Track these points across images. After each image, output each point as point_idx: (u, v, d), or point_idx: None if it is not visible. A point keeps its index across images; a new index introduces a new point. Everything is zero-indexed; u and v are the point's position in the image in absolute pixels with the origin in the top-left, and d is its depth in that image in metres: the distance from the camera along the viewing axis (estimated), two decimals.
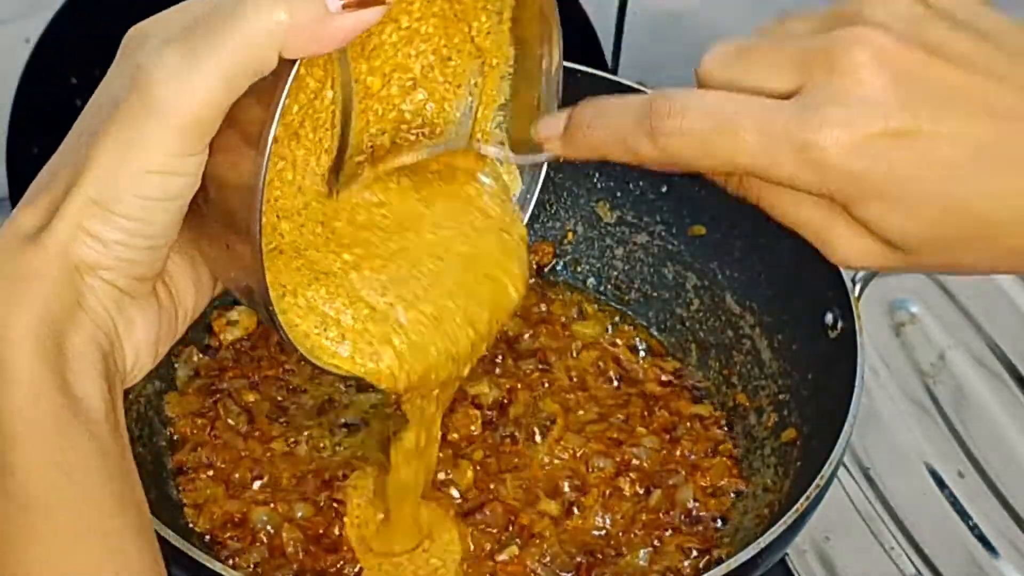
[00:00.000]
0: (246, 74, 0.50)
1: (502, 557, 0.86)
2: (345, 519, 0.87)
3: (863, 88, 0.49)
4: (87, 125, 0.53)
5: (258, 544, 0.85)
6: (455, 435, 0.93)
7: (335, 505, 0.88)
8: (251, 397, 0.94)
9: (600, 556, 0.87)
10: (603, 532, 0.89)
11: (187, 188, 0.51)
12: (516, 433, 0.94)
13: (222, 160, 0.52)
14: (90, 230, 0.51)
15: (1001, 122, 0.49)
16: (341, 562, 0.85)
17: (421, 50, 0.61)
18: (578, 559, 0.86)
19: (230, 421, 0.92)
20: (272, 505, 0.87)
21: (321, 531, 0.86)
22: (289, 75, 0.50)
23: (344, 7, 0.50)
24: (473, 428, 0.94)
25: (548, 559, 0.86)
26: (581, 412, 0.96)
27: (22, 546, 0.50)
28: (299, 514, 0.87)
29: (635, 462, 0.93)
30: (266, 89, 0.50)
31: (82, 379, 0.52)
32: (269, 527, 0.86)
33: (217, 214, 0.53)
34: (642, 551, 0.87)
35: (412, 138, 0.62)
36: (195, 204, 0.53)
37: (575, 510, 0.90)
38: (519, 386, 0.97)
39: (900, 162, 0.49)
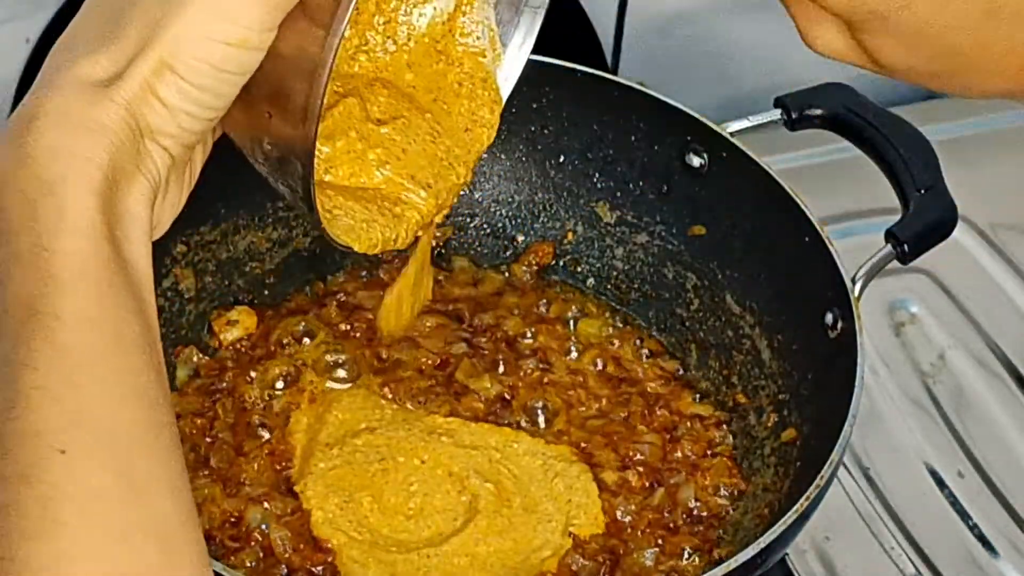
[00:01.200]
0: None
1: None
2: (302, 500, 0.88)
3: None
4: None
5: (252, 544, 0.86)
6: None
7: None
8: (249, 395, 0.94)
9: (620, 552, 0.88)
10: (616, 523, 0.89)
11: (255, 63, 0.52)
12: (521, 422, 0.94)
13: (289, 35, 0.52)
14: (160, 94, 0.51)
15: None
16: (331, 558, 0.85)
17: None
18: (599, 558, 0.87)
19: (229, 420, 0.92)
20: (265, 505, 0.87)
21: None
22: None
23: None
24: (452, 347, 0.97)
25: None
26: (582, 408, 0.96)
27: (59, 393, 0.49)
28: (289, 509, 0.87)
29: (639, 457, 0.93)
30: None
31: (133, 241, 0.52)
32: (263, 526, 0.86)
33: (267, 86, 0.54)
34: (648, 551, 0.87)
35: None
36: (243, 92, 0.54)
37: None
38: (520, 384, 0.97)
39: None
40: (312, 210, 0.58)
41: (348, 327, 0.99)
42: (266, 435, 0.92)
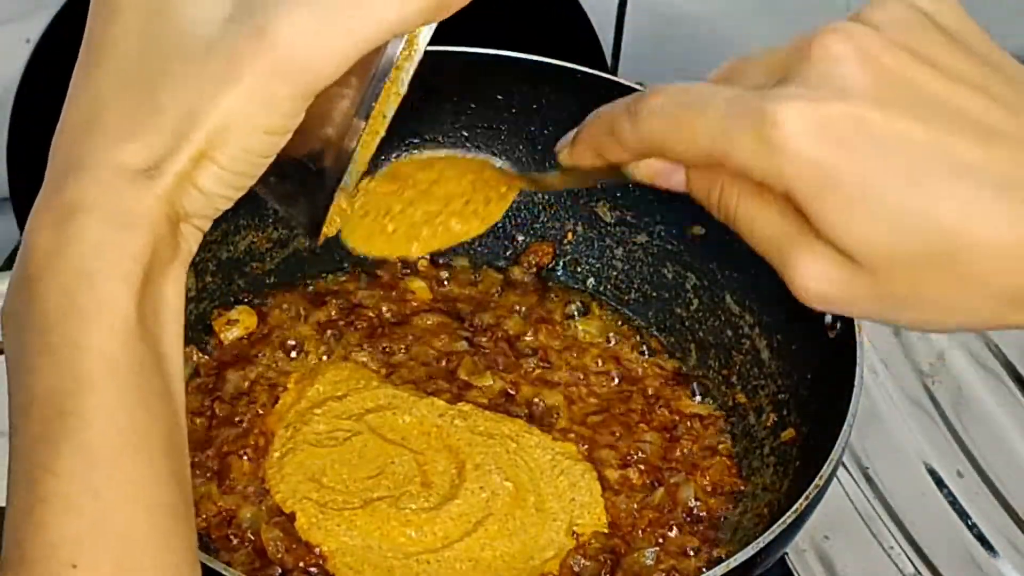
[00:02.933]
0: (380, 39, 0.50)
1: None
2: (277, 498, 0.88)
3: (837, 74, 0.46)
4: (177, 60, 0.51)
5: (246, 544, 0.86)
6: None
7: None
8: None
9: (620, 552, 0.88)
10: (617, 522, 0.89)
11: (283, 144, 0.52)
12: (524, 418, 0.94)
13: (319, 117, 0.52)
14: (199, 183, 0.51)
15: (989, 140, 0.45)
16: (323, 559, 0.85)
17: None
18: (601, 557, 0.87)
19: (226, 419, 0.92)
20: (257, 504, 0.87)
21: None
22: (386, 70, 0.51)
23: None
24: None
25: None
26: (583, 406, 0.96)
27: (78, 503, 0.49)
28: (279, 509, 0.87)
29: (640, 455, 0.93)
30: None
31: (167, 332, 0.51)
32: (254, 525, 0.86)
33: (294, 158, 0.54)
34: (649, 550, 0.87)
35: None
36: None
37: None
38: (521, 382, 0.97)
39: (862, 153, 0.45)
40: (316, 237, 0.58)
41: (348, 326, 0.99)
42: (260, 432, 0.92)
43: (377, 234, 0.64)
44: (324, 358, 0.97)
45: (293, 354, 0.97)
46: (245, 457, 0.90)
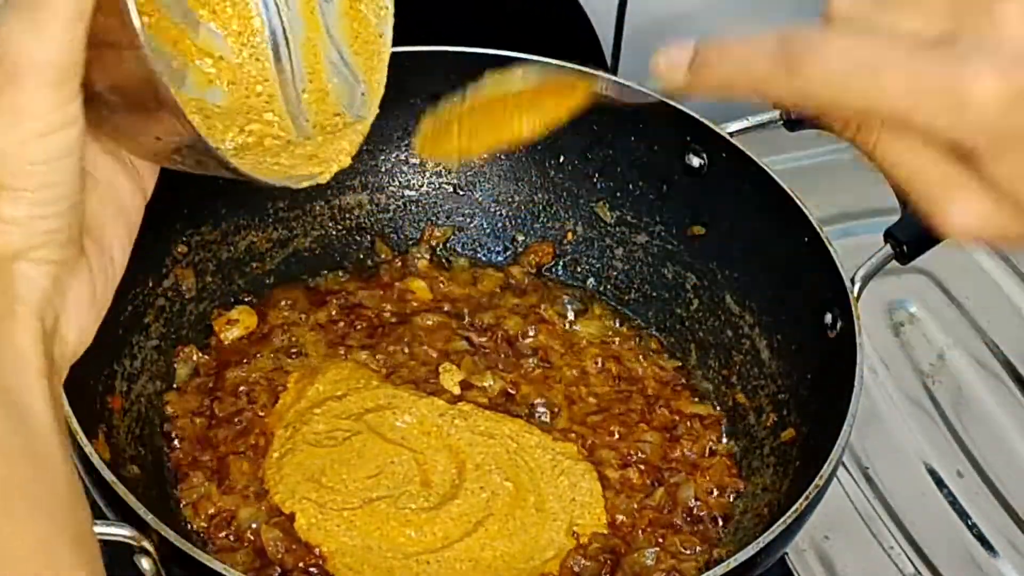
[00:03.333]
0: (76, 23, 0.48)
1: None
2: (275, 498, 0.87)
3: (1021, 38, 0.46)
4: None
5: (246, 544, 0.86)
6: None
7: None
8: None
9: (620, 552, 0.88)
10: (617, 522, 0.90)
11: (78, 136, 0.49)
12: (525, 418, 0.95)
13: (105, 74, 0.50)
14: (5, 217, 0.49)
15: None
16: (323, 560, 0.85)
17: None
18: (601, 558, 0.87)
19: (226, 419, 0.92)
20: (259, 505, 0.87)
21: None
22: None
23: None
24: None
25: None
26: (583, 405, 0.96)
27: None
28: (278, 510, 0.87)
29: (640, 455, 0.93)
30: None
31: (22, 387, 0.49)
32: (253, 525, 0.86)
33: (129, 114, 0.52)
34: (649, 550, 0.87)
35: None
36: (98, 113, 0.52)
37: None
38: (522, 382, 0.97)
39: None
40: (239, 175, 0.56)
41: (348, 326, 0.99)
42: (260, 432, 0.92)
43: (443, 136, 0.63)
44: (324, 358, 0.97)
45: (293, 354, 0.97)
46: (245, 457, 0.90)
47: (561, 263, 1.06)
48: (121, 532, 0.73)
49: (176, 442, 0.91)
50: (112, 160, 0.56)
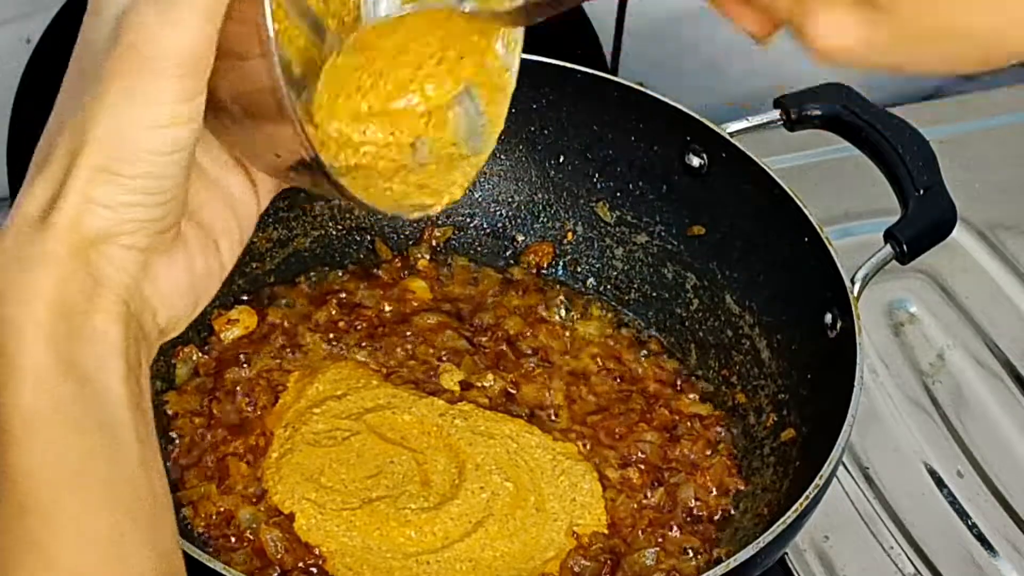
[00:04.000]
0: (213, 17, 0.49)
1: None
2: (275, 498, 0.87)
3: None
4: (75, 91, 0.51)
5: (245, 544, 0.86)
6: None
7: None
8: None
9: (621, 552, 0.88)
10: (617, 522, 0.89)
11: (193, 135, 0.50)
12: (526, 417, 0.95)
13: (230, 82, 0.51)
14: (100, 200, 0.49)
15: None
16: (323, 560, 0.85)
17: None
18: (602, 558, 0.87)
19: (225, 418, 0.92)
20: (258, 505, 0.87)
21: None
22: None
23: None
24: None
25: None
26: (583, 405, 0.96)
27: (19, 554, 0.48)
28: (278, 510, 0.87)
29: (640, 455, 0.93)
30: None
31: (99, 365, 0.50)
32: (253, 525, 0.86)
33: (248, 125, 0.52)
34: (649, 550, 0.87)
35: None
36: (220, 123, 0.52)
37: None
38: (522, 382, 0.97)
39: None
40: (351, 200, 0.56)
41: (348, 326, 0.99)
42: (260, 433, 0.92)
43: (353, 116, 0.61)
44: (324, 358, 0.97)
45: (293, 354, 0.97)
46: (244, 458, 0.90)
47: (561, 263, 1.06)
48: None
49: (176, 442, 0.91)
50: (232, 163, 0.57)
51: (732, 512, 0.91)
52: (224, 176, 0.56)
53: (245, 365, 0.95)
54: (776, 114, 0.98)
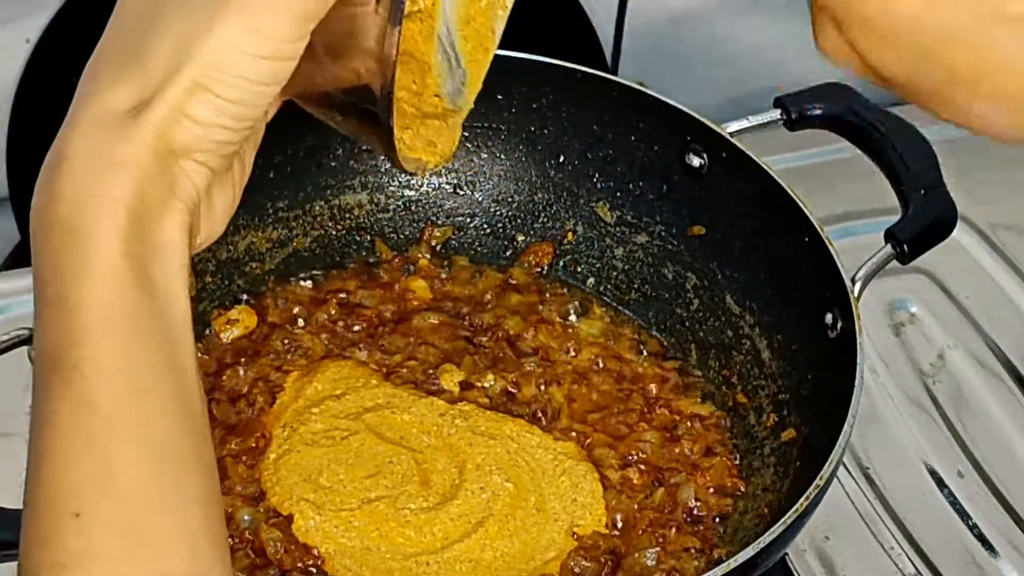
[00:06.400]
0: None
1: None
2: (272, 500, 0.87)
3: None
4: (171, 4, 0.51)
5: (244, 544, 0.85)
6: None
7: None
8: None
9: (621, 553, 0.87)
10: (618, 522, 0.89)
11: (288, 72, 0.51)
12: (527, 417, 0.94)
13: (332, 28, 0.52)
14: (193, 114, 0.50)
15: None
16: (322, 561, 0.85)
17: None
18: (602, 559, 0.87)
19: (224, 419, 0.92)
20: (257, 506, 0.87)
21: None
22: None
23: None
24: None
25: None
26: (583, 405, 0.96)
27: (78, 455, 0.49)
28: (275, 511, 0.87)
29: (640, 455, 0.93)
30: None
31: (167, 274, 0.51)
32: (252, 526, 0.86)
33: (324, 56, 0.54)
34: (649, 551, 0.87)
35: None
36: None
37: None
38: (522, 382, 0.97)
39: None
40: (392, 149, 0.57)
41: (348, 326, 0.99)
42: (260, 434, 0.92)
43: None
44: (324, 358, 0.97)
45: (293, 354, 0.97)
46: (243, 458, 0.90)
47: (561, 263, 1.06)
48: None
49: None
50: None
51: (732, 512, 0.91)
52: None
53: (244, 365, 0.95)
54: (776, 114, 0.98)
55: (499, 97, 1.03)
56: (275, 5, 0.50)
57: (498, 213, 1.07)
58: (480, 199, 1.07)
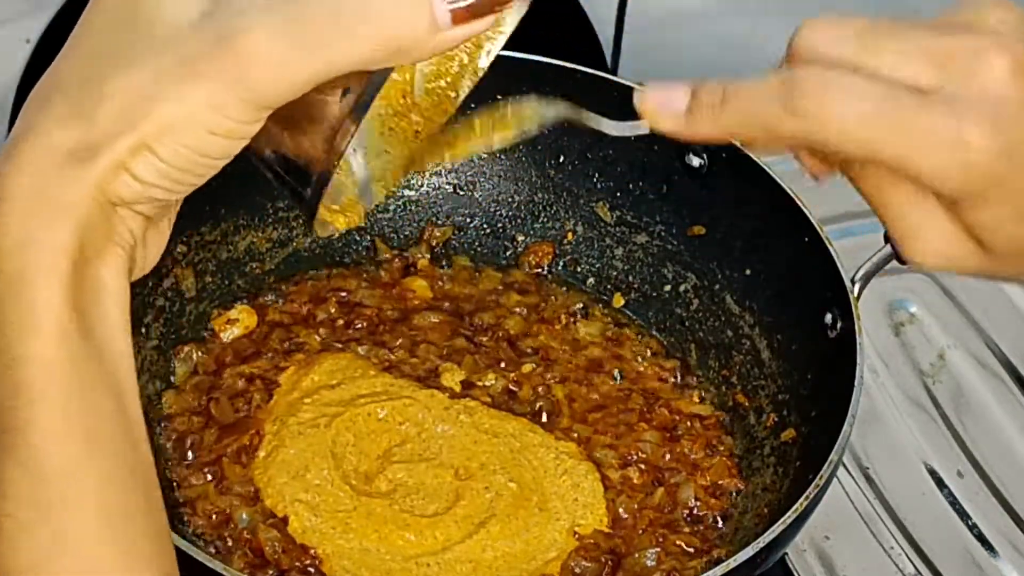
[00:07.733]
0: (340, 71, 0.49)
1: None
2: (266, 501, 0.87)
3: (1008, 94, 0.48)
4: (144, 32, 0.50)
5: (242, 544, 0.85)
6: None
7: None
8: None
9: (621, 553, 0.87)
10: (618, 522, 0.89)
11: (238, 150, 0.51)
12: (528, 417, 0.94)
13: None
14: (135, 172, 0.50)
15: None
16: (319, 561, 0.85)
17: None
18: (602, 558, 0.87)
19: (223, 418, 0.92)
20: (255, 506, 0.87)
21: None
22: (380, 81, 0.51)
23: (455, 21, 0.49)
24: None
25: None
26: (584, 405, 0.96)
27: (31, 526, 0.48)
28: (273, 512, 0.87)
29: (640, 455, 0.93)
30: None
31: (108, 319, 0.50)
32: (250, 526, 0.86)
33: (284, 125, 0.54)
34: (650, 551, 0.87)
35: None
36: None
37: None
38: (523, 381, 0.97)
39: None
40: (313, 217, 0.58)
41: (348, 326, 0.99)
42: (253, 432, 0.92)
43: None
44: (322, 351, 0.97)
45: (292, 353, 0.97)
46: (240, 457, 0.90)
47: (561, 263, 1.06)
48: None
49: (174, 441, 0.91)
50: None
51: (732, 512, 0.91)
52: None
53: (244, 364, 0.95)
54: None
55: (499, 97, 1.02)
56: (244, 91, 0.48)
57: (498, 213, 1.07)
58: (480, 199, 1.07)
